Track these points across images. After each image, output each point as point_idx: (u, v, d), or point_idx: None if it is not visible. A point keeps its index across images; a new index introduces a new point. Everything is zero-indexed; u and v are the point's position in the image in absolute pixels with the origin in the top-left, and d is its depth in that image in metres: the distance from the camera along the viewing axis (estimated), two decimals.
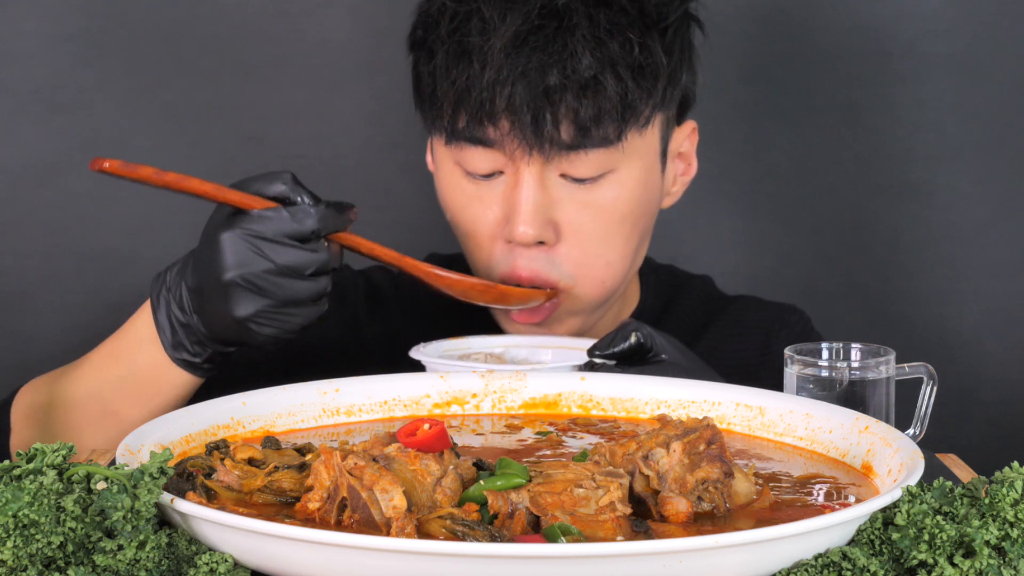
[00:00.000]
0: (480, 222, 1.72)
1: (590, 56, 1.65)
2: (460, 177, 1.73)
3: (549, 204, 1.69)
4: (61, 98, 2.16)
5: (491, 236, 1.72)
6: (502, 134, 1.67)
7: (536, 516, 1.12)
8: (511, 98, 1.64)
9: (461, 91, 1.67)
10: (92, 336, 2.16)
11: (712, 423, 1.21)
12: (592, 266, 1.72)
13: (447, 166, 1.74)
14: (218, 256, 1.51)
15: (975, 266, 2.20)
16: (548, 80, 1.64)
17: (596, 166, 1.68)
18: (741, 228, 2.22)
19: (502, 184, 1.70)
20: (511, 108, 1.65)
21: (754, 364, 1.85)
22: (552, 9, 1.66)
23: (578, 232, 1.70)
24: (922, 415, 1.50)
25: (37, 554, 1.06)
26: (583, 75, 1.64)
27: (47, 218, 2.16)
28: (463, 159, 1.71)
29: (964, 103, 2.19)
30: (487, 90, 1.65)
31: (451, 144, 1.71)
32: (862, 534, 1.11)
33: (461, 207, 1.73)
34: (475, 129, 1.68)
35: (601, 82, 1.65)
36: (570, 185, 1.69)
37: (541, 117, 1.64)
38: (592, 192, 1.70)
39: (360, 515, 1.12)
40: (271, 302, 1.52)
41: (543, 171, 1.68)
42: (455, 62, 1.68)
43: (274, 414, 1.39)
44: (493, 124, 1.67)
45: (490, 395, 1.46)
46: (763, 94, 2.19)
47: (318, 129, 2.18)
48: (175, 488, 1.17)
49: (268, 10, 2.17)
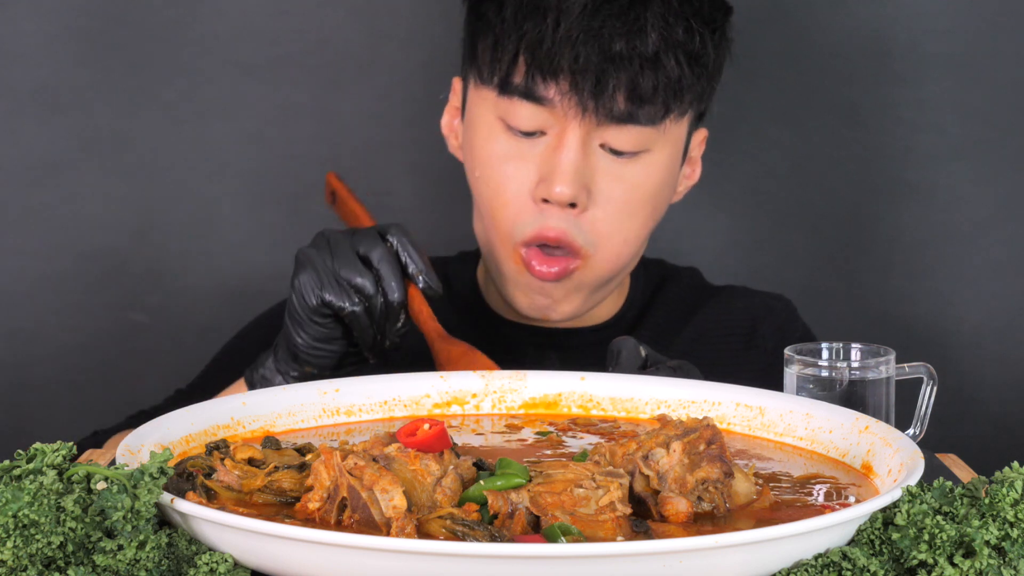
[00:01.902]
0: (514, 179, 1.74)
1: (657, 34, 1.69)
2: (500, 132, 1.74)
3: (587, 169, 1.72)
4: (61, 98, 2.16)
5: (523, 195, 1.73)
6: (559, 93, 1.70)
7: (536, 516, 1.12)
8: (578, 58, 1.68)
9: (532, 44, 1.70)
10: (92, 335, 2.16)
11: (712, 423, 1.21)
12: (612, 238, 1.75)
13: (487, 119, 1.76)
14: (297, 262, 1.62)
15: (975, 266, 2.20)
16: (615, 47, 1.68)
17: (636, 142, 1.72)
18: (741, 228, 2.22)
19: (542, 145, 1.73)
20: (576, 67, 1.68)
21: (740, 349, 1.87)
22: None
23: (607, 202, 1.73)
24: (922, 415, 1.50)
25: (37, 554, 1.06)
26: (647, 50, 1.69)
27: (47, 218, 2.16)
28: (509, 113, 1.73)
29: (964, 103, 2.18)
30: (558, 45, 1.68)
31: (503, 96, 1.73)
32: (862, 534, 1.11)
33: (496, 163, 1.75)
34: (532, 84, 1.71)
35: (662, 61, 1.69)
36: (608, 156, 1.72)
37: (603, 81, 1.68)
38: (627, 167, 1.73)
39: (360, 515, 1.12)
40: None
41: (587, 137, 1.71)
42: (529, 16, 1.71)
43: (274, 414, 1.39)
44: (554, 80, 1.69)
45: (490, 395, 1.46)
46: (763, 94, 2.19)
47: (318, 129, 2.18)
48: (175, 488, 1.17)
49: (268, 10, 2.17)
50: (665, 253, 2.00)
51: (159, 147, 2.18)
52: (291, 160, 2.19)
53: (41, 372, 2.17)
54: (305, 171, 2.17)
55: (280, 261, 1.76)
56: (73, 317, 2.17)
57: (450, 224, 2.07)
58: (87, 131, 2.16)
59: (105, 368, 2.16)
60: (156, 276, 2.18)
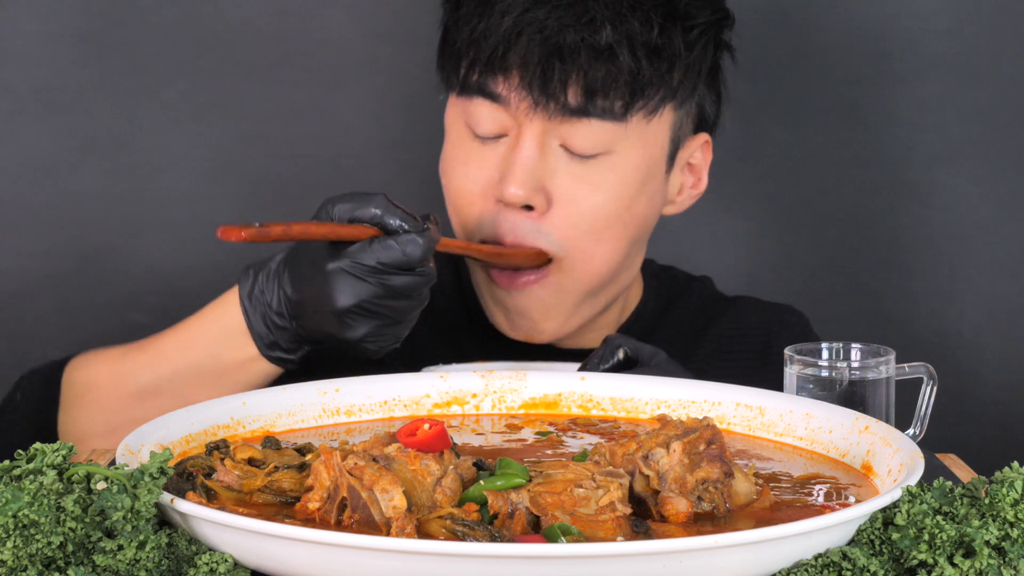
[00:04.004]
0: (473, 180, 1.73)
1: (609, 26, 1.67)
2: (465, 137, 1.74)
3: (544, 170, 1.70)
4: (61, 98, 2.16)
5: (481, 195, 1.72)
6: (510, 88, 1.68)
7: (536, 516, 1.12)
8: (525, 50, 1.67)
9: (479, 39, 1.69)
10: (92, 335, 2.16)
11: (712, 423, 1.21)
12: (583, 239, 1.71)
13: (456, 126, 1.75)
14: (331, 289, 1.53)
15: (975, 266, 2.20)
16: (564, 38, 1.67)
17: (596, 141, 1.69)
18: (741, 228, 2.22)
19: (503, 146, 1.71)
20: (523, 60, 1.67)
21: (755, 365, 1.84)
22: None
23: (569, 204, 1.70)
24: (922, 415, 1.50)
25: (37, 554, 1.06)
26: (599, 42, 1.67)
27: (47, 218, 2.16)
28: (472, 116, 1.72)
29: (964, 103, 2.19)
30: (503, 39, 1.67)
31: (462, 96, 1.72)
32: (862, 534, 1.11)
33: (458, 164, 1.74)
34: (486, 80, 1.70)
35: (616, 53, 1.67)
36: (568, 157, 1.70)
37: (550, 74, 1.66)
38: (589, 168, 1.70)
39: (360, 515, 1.12)
40: (381, 322, 1.55)
41: (544, 136, 1.69)
42: (478, 10, 1.70)
43: (274, 414, 1.39)
44: (505, 76, 1.68)
45: (490, 395, 1.46)
46: (763, 94, 2.19)
47: (318, 129, 2.18)
48: (175, 488, 1.17)
49: (268, 10, 2.17)
50: (664, 254, 2.00)
51: (159, 147, 2.18)
52: (291, 160, 2.19)
53: None
54: (305, 171, 2.17)
55: None
56: (73, 317, 2.17)
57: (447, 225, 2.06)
58: (87, 131, 2.16)
59: None
60: (156, 276, 2.18)
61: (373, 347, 1.57)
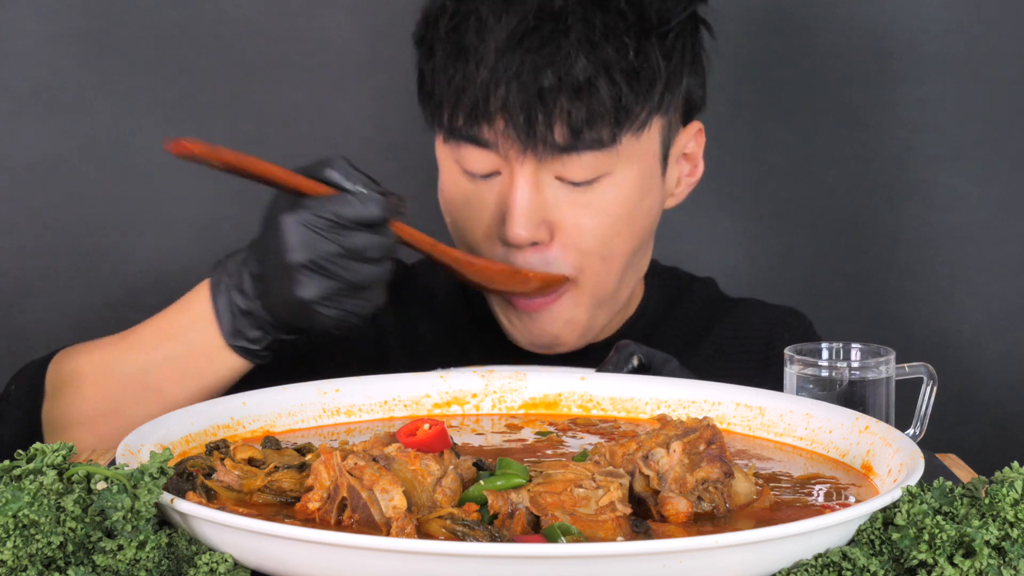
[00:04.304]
0: (476, 221, 1.72)
1: (584, 59, 1.64)
2: (459, 176, 1.73)
3: (544, 205, 1.69)
4: (61, 98, 2.16)
5: (487, 236, 1.71)
6: (497, 134, 1.67)
7: (536, 516, 1.12)
8: (505, 98, 1.65)
9: (457, 90, 1.67)
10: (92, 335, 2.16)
11: (712, 423, 1.21)
12: (592, 257, 1.71)
13: (447, 164, 1.74)
14: (283, 239, 1.52)
15: (975, 266, 2.20)
16: (542, 81, 1.64)
17: (590, 169, 1.68)
18: (741, 228, 2.22)
19: (499, 184, 1.70)
20: (505, 108, 1.65)
21: (758, 367, 1.84)
22: (548, 11, 1.66)
23: (572, 231, 1.69)
24: (922, 415, 1.50)
25: (37, 554, 1.06)
26: (577, 77, 1.64)
27: (47, 218, 2.16)
28: (461, 158, 1.71)
29: (964, 103, 2.18)
30: (481, 90, 1.65)
31: (449, 142, 1.72)
32: (862, 534, 1.11)
33: (459, 206, 1.74)
34: (471, 128, 1.68)
35: (595, 85, 1.65)
36: (565, 187, 1.69)
37: (534, 118, 1.64)
38: (587, 194, 1.69)
39: (360, 515, 1.12)
40: (336, 284, 1.53)
41: (538, 173, 1.68)
42: (452, 61, 1.68)
43: (274, 414, 1.39)
44: (488, 124, 1.67)
45: (490, 395, 1.46)
46: (763, 94, 2.19)
47: (318, 129, 2.18)
48: (175, 488, 1.17)
49: (268, 10, 2.17)
50: (664, 254, 2.00)
51: (159, 147, 2.18)
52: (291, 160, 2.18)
53: None
54: None
55: None
56: (73, 317, 2.17)
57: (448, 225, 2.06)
58: (87, 131, 2.16)
59: None
60: (155, 276, 2.18)
61: (329, 315, 1.54)
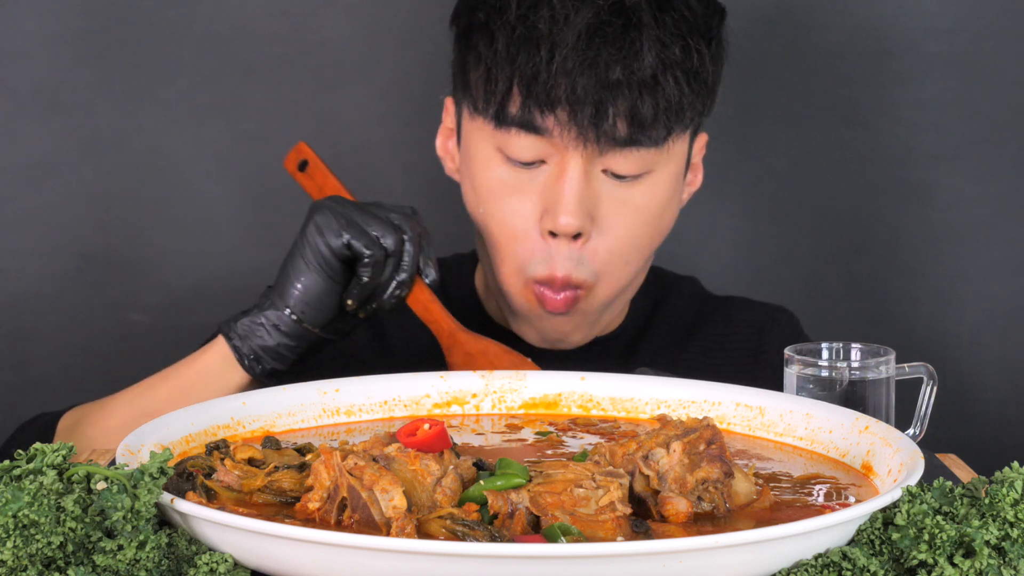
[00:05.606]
0: (518, 214, 1.71)
1: (654, 57, 1.67)
2: (499, 164, 1.72)
3: (591, 197, 1.69)
4: (61, 98, 2.16)
5: (530, 229, 1.71)
6: (558, 123, 1.67)
7: (536, 516, 1.12)
8: (575, 88, 1.66)
9: (527, 76, 1.67)
10: (92, 335, 2.16)
11: (712, 423, 1.21)
12: (615, 264, 1.72)
13: (485, 151, 1.73)
14: (312, 217, 1.64)
15: (975, 266, 2.20)
16: (612, 74, 1.66)
17: (638, 165, 1.70)
18: (740, 228, 2.22)
19: (543, 174, 1.70)
20: (574, 98, 1.66)
21: (747, 364, 1.85)
22: (620, 7, 1.68)
23: (611, 228, 1.71)
24: (922, 415, 1.50)
25: (37, 554, 1.06)
26: (645, 74, 1.66)
27: (47, 218, 2.16)
28: (507, 144, 1.70)
29: (964, 103, 2.19)
30: (553, 78, 1.66)
31: (500, 128, 1.71)
32: (862, 534, 1.11)
33: (499, 196, 1.73)
34: (529, 115, 1.68)
35: (661, 83, 1.67)
36: (610, 181, 1.70)
37: (602, 110, 1.66)
38: (630, 190, 1.71)
39: (360, 515, 1.12)
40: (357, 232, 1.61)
41: (589, 164, 1.69)
42: (522, 47, 1.68)
43: (274, 414, 1.39)
44: (552, 112, 1.67)
45: (490, 395, 1.46)
46: (763, 94, 2.19)
47: (318, 129, 2.18)
48: (175, 488, 1.17)
49: (268, 10, 2.17)
50: (665, 255, 2.00)
51: (159, 147, 2.18)
52: None
53: (41, 372, 2.17)
54: None
55: (280, 261, 1.76)
56: (73, 317, 2.17)
57: (449, 224, 2.06)
58: (87, 131, 2.16)
59: (105, 368, 2.16)
60: (156, 276, 2.18)
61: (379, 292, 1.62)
